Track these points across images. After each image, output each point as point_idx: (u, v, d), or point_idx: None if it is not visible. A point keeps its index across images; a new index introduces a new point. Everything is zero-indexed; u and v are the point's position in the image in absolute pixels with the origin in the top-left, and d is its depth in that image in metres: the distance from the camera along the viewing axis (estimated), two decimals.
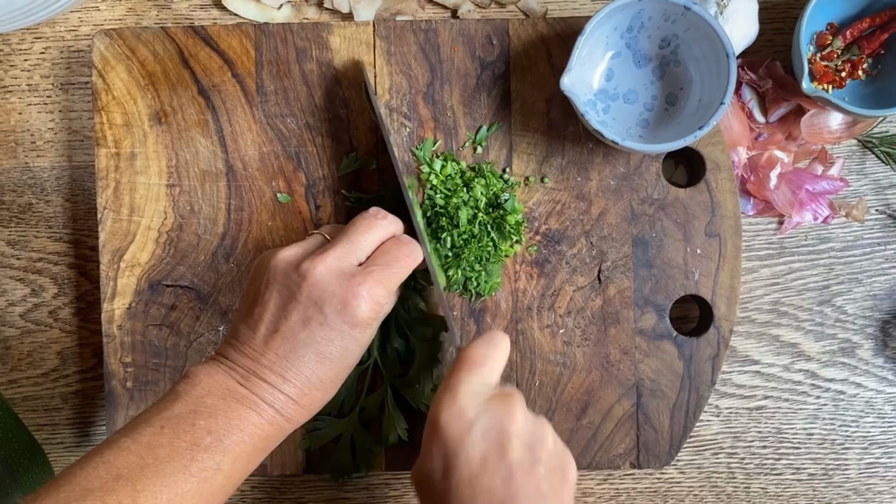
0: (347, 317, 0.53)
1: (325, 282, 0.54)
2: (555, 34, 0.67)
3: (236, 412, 0.52)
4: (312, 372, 0.54)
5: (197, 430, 0.50)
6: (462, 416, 0.52)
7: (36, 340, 0.72)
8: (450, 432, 0.52)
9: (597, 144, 0.67)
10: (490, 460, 0.51)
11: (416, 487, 0.55)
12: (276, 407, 0.53)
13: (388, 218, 0.59)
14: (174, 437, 0.50)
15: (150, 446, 0.49)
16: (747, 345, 0.72)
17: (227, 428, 0.51)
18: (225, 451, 0.51)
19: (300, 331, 0.53)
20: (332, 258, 0.55)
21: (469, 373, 0.54)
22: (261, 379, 0.53)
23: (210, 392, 0.52)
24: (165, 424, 0.51)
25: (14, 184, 0.72)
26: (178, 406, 0.52)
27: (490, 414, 0.52)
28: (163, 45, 0.67)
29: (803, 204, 0.70)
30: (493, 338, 0.56)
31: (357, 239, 0.56)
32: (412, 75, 0.67)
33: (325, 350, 0.54)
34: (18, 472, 0.64)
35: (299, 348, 0.53)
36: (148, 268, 0.67)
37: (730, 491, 0.72)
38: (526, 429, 0.53)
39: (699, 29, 0.63)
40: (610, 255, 0.67)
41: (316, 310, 0.53)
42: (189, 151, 0.67)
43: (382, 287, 0.55)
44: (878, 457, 0.72)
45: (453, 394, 0.53)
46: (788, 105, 0.70)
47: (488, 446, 0.51)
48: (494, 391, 0.54)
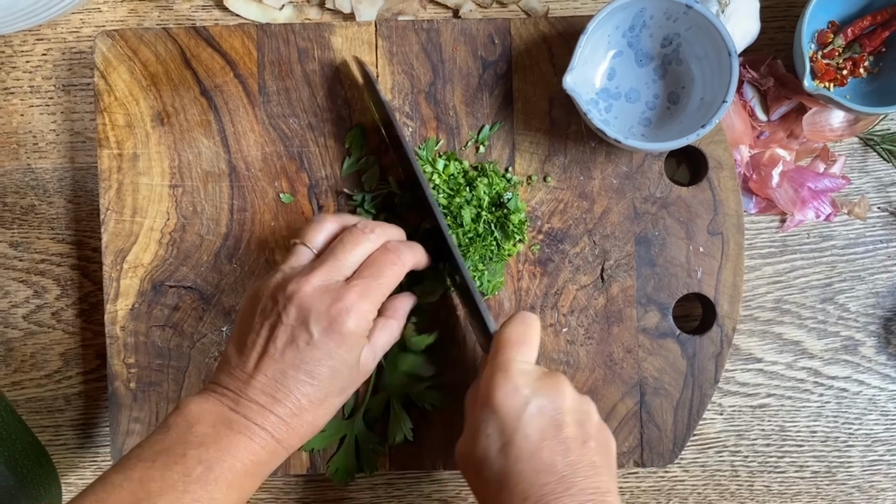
0: (333, 333, 0.54)
1: (310, 301, 0.54)
2: (556, 33, 0.67)
3: (227, 439, 0.52)
4: (301, 392, 0.54)
5: (188, 460, 0.50)
6: (517, 394, 0.54)
7: (39, 342, 0.72)
8: (506, 410, 0.53)
9: (599, 143, 0.67)
10: (548, 436, 0.53)
11: (464, 468, 0.56)
12: (267, 429, 0.53)
13: (375, 231, 0.58)
14: (165, 470, 0.50)
15: (141, 481, 0.49)
16: (750, 343, 0.72)
17: (219, 456, 0.51)
18: (217, 480, 0.51)
19: (288, 352, 0.54)
20: (317, 278, 0.55)
21: (515, 352, 0.56)
22: (250, 401, 0.53)
23: (200, 420, 0.52)
24: (156, 458, 0.51)
25: (16, 185, 0.72)
26: (169, 438, 0.52)
27: (542, 392, 0.54)
28: (165, 45, 0.67)
29: (805, 202, 0.70)
30: (526, 318, 0.58)
31: (343, 256, 0.56)
32: (414, 75, 0.67)
33: (313, 370, 0.54)
34: (22, 474, 0.64)
35: (288, 370, 0.54)
36: (151, 269, 0.67)
37: (733, 489, 0.72)
38: (575, 405, 0.55)
39: (701, 27, 0.63)
40: (613, 254, 0.67)
41: (302, 329, 0.54)
42: (191, 152, 0.67)
43: (367, 300, 0.55)
44: (881, 454, 0.72)
45: (506, 372, 0.55)
46: (790, 103, 0.70)
47: (545, 423, 0.53)
48: (540, 370, 0.56)
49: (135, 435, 0.67)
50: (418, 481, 0.72)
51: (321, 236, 0.58)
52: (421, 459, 0.67)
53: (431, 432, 0.67)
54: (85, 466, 0.73)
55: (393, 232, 0.60)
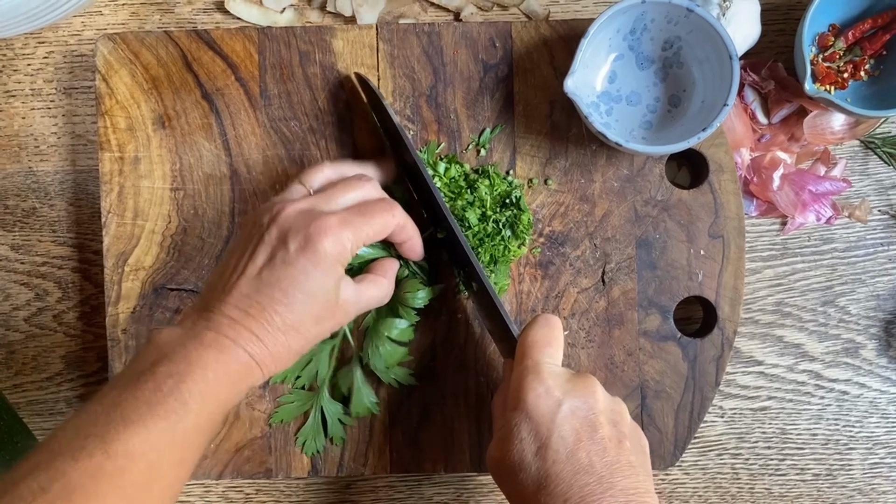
0: (308, 253, 0.53)
1: (291, 219, 0.54)
2: (557, 36, 0.67)
3: (196, 352, 0.51)
4: (274, 311, 0.53)
5: (157, 376, 0.49)
6: (550, 395, 0.54)
7: (40, 344, 0.72)
8: (540, 411, 0.53)
9: (600, 146, 0.67)
10: (583, 437, 0.53)
11: (497, 472, 0.56)
12: (240, 343, 0.52)
13: (371, 183, 0.59)
14: (136, 389, 0.49)
15: (114, 403, 0.49)
16: (751, 345, 0.72)
17: (189, 369, 0.50)
18: (190, 391, 0.49)
19: (264, 270, 0.53)
20: (303, 203, 0.55)
21: (543, 354, 0.56)
22: (223, 315, 0.52)
23: (169, 342, 0.51)
24: (128, 382, 0.50)
25: (18, 188, 0.72)
26: (139, 363, 0.51)
27: (574, 393, 0.54)
28: (166, 49, 0.67)
29: (806, 205, 0.70)
30: (550, 320, 0.58)
31: (333, 192, 0.57)
32: (415, 78, 0.67)
33: (287, 287, 0.53)
34: None
35: (262, 287, 0.53)
36: (152, 271, 0.67)
37: (734, 492, 0.72)
38: (608, 406, 0.55)
39: (702, 31, 0.63)
40: (614, 257, 0.67)
41: (280, 246, 0.53)
42: (193, 155, 0.67)
43: (348, 229, 0.54)
44: (882, 457, 0.72)
45: (538, 374, 0.55)
46: (791, 106, 0.70)
47: (579, 423, 0.53)
48: (570, 371, 0.56)
49: None
50: (419, 484, 0.72)
51: (318, 179, 0.59)
52: (422, 462, 0.67)
53: (433, 435, 0.67)
54: None
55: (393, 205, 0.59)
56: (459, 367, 0.67)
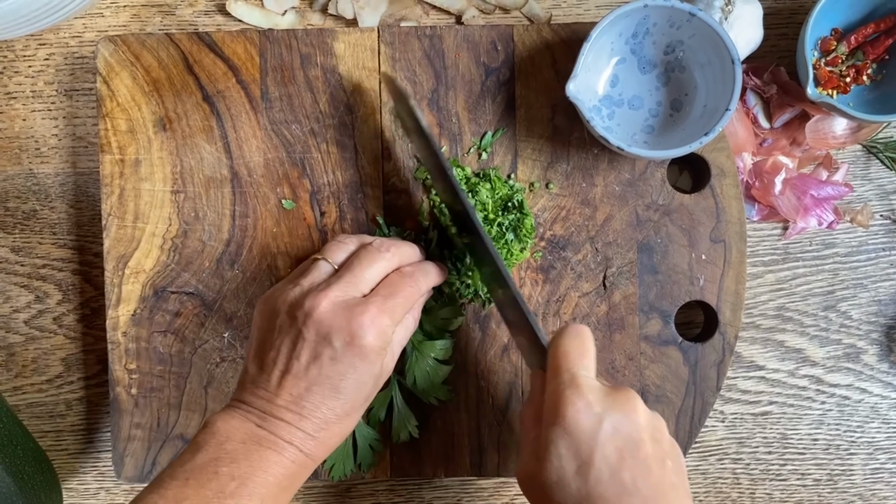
0: (355, 348, 0.54)
1: (330, 316, 0.54)
2: (559, 40, 0.67)
3: (257, 454, 0.52)
4: (328, 407, 0.54)
5: (221, 477, 0.51)
6: (590, 410, 0.51)
7: (40, 347, 0.72)
8: (581, 428, 0.50)
9: (602, 150, 0.67)
10: (626, 455, 0.50)
11: (530, 488, 0.53)
12: (296, 444, 0.53)
13: (391, 250, 0.58)
14: (199, 488, 0.50)
15: (176, 499, 0.50)
16: (752, 350, 0.72)
17: (250, 472, 0.51)
18: (251, 495, 0.51)
19: (311, 368, 0.54)
20: (334, 293, 0.55)
21: (578, 366, 0.53)
22: (278, 419, 0.53)
23: (229, 438, 0.53)
24: (189, 476, 0.51)
25: (18, 190, 0.72)
26: (200, 456, 0.52)
27: (616, 408, 0.51)
28: (167, 51, 0.67)
29: (808, 209, 0.70)
30: (580, 331, 0.55)
31: (360, 272, 0.57)
32: (417, 81, 0.67)
33: (338, 384, 0.54)
34: (23, 479, 0.64)
35: (313, 386, 0.54)
36: (153, 274, 0.67)
37: (735, 497, 0.72)
38: (650, 422, 0.52)
39: (704, 35, 0.63)
40: (615, 261, 0.67)
41: (325, 345, 0.54)
42: (194, 158, 0.67)
43: (386, 316, 0.55)
44: (883, 462, 0.72)
45: (577, 388, 0.51)
46: (793, 110, 0.70)
47: (622, 441, 0.50)
48: (608, 385, 0.54)
49: (136, 440, 0.67)
50: (419, 488, 0.72)
51: (342, 254, 0.59)
52: (422, 466, 0.67)
53: (433, 440, 0.67)
54: (86, 472, 0.73)
55: (408, 251, 0.60)
56: (461, 372, 0.67)
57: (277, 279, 0.67)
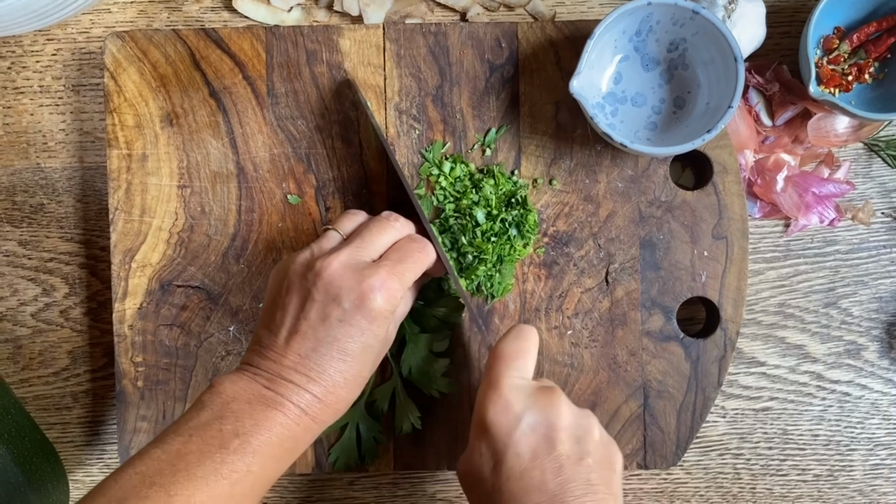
0: (364, 310, 0.54)
1: (339, 278, 0.54)
2: (563, 37, 0.68)
3: (262, 414, 0.52)
4: (336, 369, 0.54)
5: (224, 434, 0.51)
6: (509, 411, 0.53)
7: (47, 340, 0.73)
8: (498, 427, 0.53)
9: (605, 147, 0.68)
10: (540, 454, 0.52)
11: (463, 482, 0.56)
12: (302, 406, 0.53)
13: (400, 220, 0.59)
14: (203, 444, 0.50)
15: (180, 454, 0.50)
16: (753, 346, 0.72)
17: (255, 430, 0.52)
18: (254, 453, 0.51)
19: (320, 328, 0.54)
20: (345, 255, 0.55)
21: (508, 367, 0.55)
22: (285, 380, 0.54)
23: (235, 398, 0.53)
24: (193, 433, 0.51)
25: (26, 184, 0.72)
26: (205, 414, 0.52)
27: (536, 408, 0.53)
28: (174, 47, 0.68)
29: (809, 207, 0.70)
30: (522, 331, 0.57)
31: (370, 238, 0.57)
32: (422, 78, 0.68)
33: (345, 346, 0.54)
34: (31, 471, 0.64)
35: (320, 346, 0.54)
36: (159, 268, 0.68)
37: (735, 492, 0.73)
38: (572, 421, 0.54)
39: (707, 33, 0.63)
40: (617, 257, 0.68)
41: (334, 306, 0.54)
42: (200, 153, 0.68)
43: (396, 279, 0.55)
44: (883, 458, 0.72)
45: (497, 389, 0.54)
46: (795, 108, 0.70)
47: (537, 440, 0.52)
48: (535, 385, 0.55)
49: (142, 433, 0.67)
50: (422, 481, 0.73)
51: (351, 224, 0.60)
52: (425, 459, 0.68)
53: (436, 433, 0.68)
54: (92, 463, 0.73)
55: (414, 228, 0.61)
56: (463, 366, 0.68)
57: None
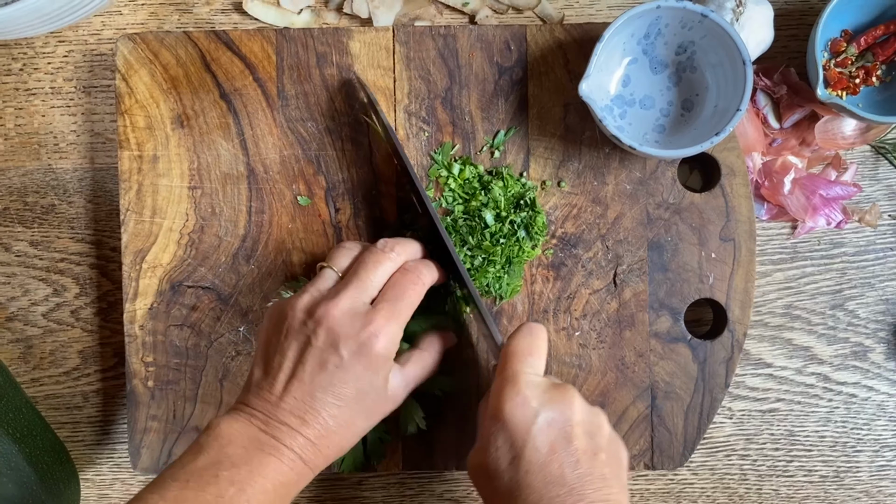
0: (363, 357, 0.55)
1: (339, 325, 0.55)
2: (572, 40, 0.68)
3: (258, 459, 0.53)
4: (330, 415, 0.55)
5: (220, 481, 0.52)
6: (526, 406, 0.54)
7: (58, 339, 0.73)
8: (516, 422, 0.54)
9: (613, 149, 0.68)
10: (557, 448, 0.53)
11: (476, 479, 0.57)
12: (296, 450, 0.54)
13: (395, 249, 0.59)
14: (199, 491, 0.51)
15: (176, 501, 0.51)
16: (760, 348, 0.73)
17: (250, 477, 0.52)
18: (248, 502, 0.52)
19: (317, 374, 0.55)
20: (344, 301, 0.56)
21: (523, 364, 0.56)
22: (280, 423, 0.54)
23: (231, 441, 0.54)
24: (190, 478, 0.52)
25: (37, 185, 0.73)
26: (202, 459, 0.53)
27: (552, 404, 0.55)
28: (185, 49, 0.68)
29: (817, 209, 0.70)
30: (533, 329, 0.59)
31: (367, 277, 0.57)
32: (431, 80, 0.68)
33: (341, 392, 0.55)
34: (43, 470, 0.65)
35: (316, 391, 0.55)
36: (169, 269, 0.68)
37: (742, 492, 0.73)
38: (586, 417, 0.56)
39: (716, 36, 0.63)
40: (626, 259, 0.68)
41: (332, 352, 0.55)
42: (211, 154, 0.68)
43: (395, 322, 0.56)
44: (889, 459, 0.73)
45: (514, 385, 0.55)
46: (803, 111, 0.71)
47: (555, 435, 0.54)
48: (549, 381, 0.57)
49: (152, 432, 0.68)
50: (430, 481, 0.73)
51: (345, 259, 0.60)
52: (433, 459, 0.68)
53: (444, 433, 0.68)
54: (102, 462, 0.74)
55: (411, 248, 0.61)
56: (472, 366, 0.68)
57: (292, 274, 0.68)
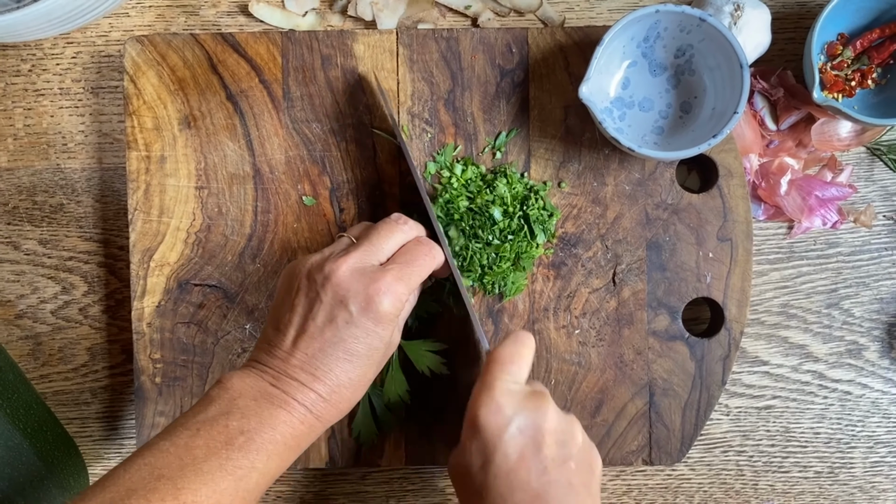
0: (371, 313, 0.56)
1: (347, 281, 0.56)
2: (572, 43, 0.69)
3: (268, 412, 0.54)
4: (341, 370, 0.56)
5: (230, 430, 0.53)
6: (499, 413, 0.55)
7: (66, 336, 0.74)
8: (488, 428, 0.55)
9: (612, 150, 0.69)
10: (526, 455, 0.54)
11: (453, 478, 0.58)
12: (307, 405, 0.55)
13: (409, 223, 0.61)
14: (209, 439, 0.52)
15: (187, 447, 0.52)
16: (757, 346, 0.74)
17: (259, 427, 0.53)
18: (258, 450, 0.53)
19: (327, 330, 0.56)
20: (353, 259, 0.57)
21: (502, 371, 0.57)
22: (291, 378, 0.55)
23: (242, 394, 0.55)
24: (201, 427, 0.53)
25: (46, 184, 0.74)
26: (212, 409, 0.54)
27: (525, 412, 0.56)
28: (192, 51, 0.69)
29: (813, 209, 0.72)
30: (519, 337, 0.60)
31: (378, 242, 0.59)
32: (434, 82, 0.69)
33: (351, 347, 0.56)
34: (53, 464, 0.66)
35: (327, 347, 0.55)
36: (177, 267, 0.69)
37: (738, 488, 0.74)
38: (558, 426, 0.56)
39: (714, 40, 0.65)
40: (625, 259, 0.69)
41: (341, 308, 0.56)
42: (217, 155, 0.69)
43: (403, 284, 0.57)
44: (882, 455, 0.74)
45: (490, 392, 0.56)
46: (799, 113, 0.72)
47: (525, 442, 0.55)
48: (527, 389, 0.57)
49: (159, 428, 0.69)
50: (432, 476, 0.74)
51: (360, 230, 0.61)
52: (435, 455, 0.69)
53: (446, 429, 0.69)
54: (110, 457, 0.75)
55: (424, 230, 0.62)
56: (473, 363, 0.69)
57: None
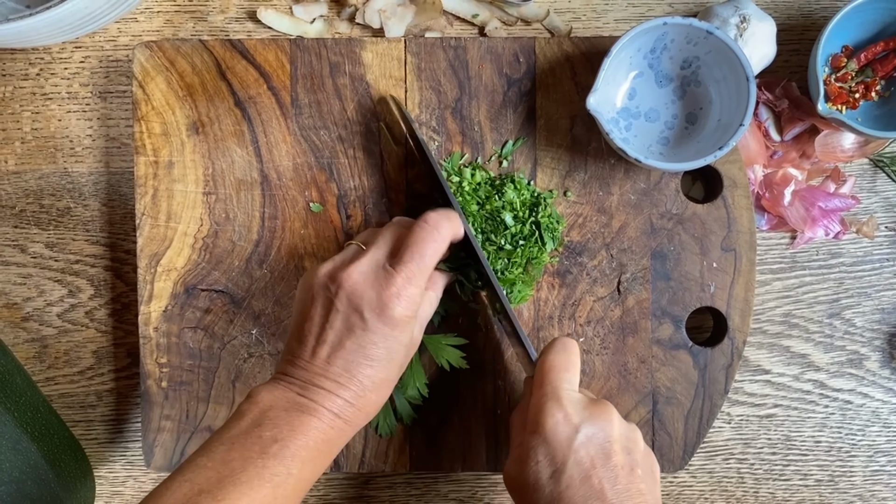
0: (385, 318, 0.56)
1: (361, 288, 0.56)
2: (579, 53, 0.69)
3: (298, 420, 0.55)
4: (364, 375, 0.56)
5: (264, 440, 0.54)
6: (568, 422, 0.56)
7: (72, 340, 0.75)
8: (558, 437, 0.56)
9: (618, 160, 0.70)
10: (597, 464, 0.55)
11: (512, 488, 0.58)
12: (335, 411, 0.56)
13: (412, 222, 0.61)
14: (244, 450, 0.53)
15: (223, 461, 0.53)
16: (759, 355, 0.74)
17: (292, 434, 0.54)
18: (293, 457, 0.54)
19: (345, 338, 0.56)
20: (363, 264, 0.57)
21: (562, 380, 0.58)
22: (317, 386, 0.56)
23: (272, 406, 0.55)
24: (235, 440, 0.54)
25: (53, 188, 0.74)
26: (244, 422, 0.55)
27: (592, 420, 0.57)
28: (201, 57, 0.69)
29: (816, 220, 0.72)
30: (567, 344, 0.60)
31: (385, 244, 0.59)
32: (441, 91, 0.70)
33: (371, 353, 0.56)
34: (60, 467, 0.66)
35: (348, 354, 0.56)
36: (184, 272, 0.70)
37: (739, 495, 0.75)
38: (623, 433, 0.57)
39: (720, 52, 0.65)
40: (629, 268, 0.70)
41: (356, 316, 0.56)
42: (225, 161, 0.70)
43: (414, 284, 0.57)
44: (882, 465, 0.75)
45: (557, 400, 0.57)
46: (803, 125, 0.72)
47: (595, 450, 0.56)
48: (586, 397, 0.59)
49: (165, 432, 0.69)
50: (436, 481, 0.75)
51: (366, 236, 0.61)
52: (440, 461, 0.70)
53: (452, 436, 0.70)
54: (115, 460, 0.75)
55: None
56: (478, 371, 0.70)
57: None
